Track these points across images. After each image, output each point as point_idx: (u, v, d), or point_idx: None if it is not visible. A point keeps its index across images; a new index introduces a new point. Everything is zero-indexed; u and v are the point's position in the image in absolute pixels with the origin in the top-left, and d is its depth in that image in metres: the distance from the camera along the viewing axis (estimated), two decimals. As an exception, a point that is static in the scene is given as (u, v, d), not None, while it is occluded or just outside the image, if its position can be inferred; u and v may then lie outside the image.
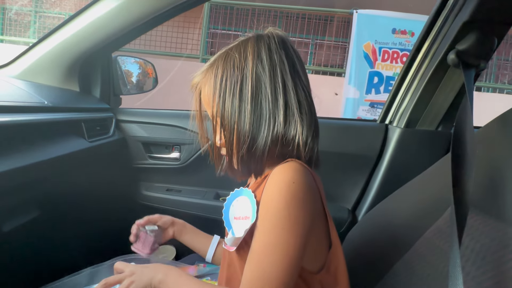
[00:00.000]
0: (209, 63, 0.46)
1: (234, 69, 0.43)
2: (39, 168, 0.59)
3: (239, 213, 0.43)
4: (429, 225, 0.53)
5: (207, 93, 0.45)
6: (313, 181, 0.43)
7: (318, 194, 0.43)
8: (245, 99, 0.42)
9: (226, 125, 0.43)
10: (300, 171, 0.41)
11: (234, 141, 0.43)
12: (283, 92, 0.43)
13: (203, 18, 3.74)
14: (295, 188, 0.40)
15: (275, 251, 0.39)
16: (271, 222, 0.40)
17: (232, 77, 0.43)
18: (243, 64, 0.43)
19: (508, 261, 0.37)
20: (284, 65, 0.43)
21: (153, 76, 1.04)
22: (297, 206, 0.40)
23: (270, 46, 0.44)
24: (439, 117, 0.86)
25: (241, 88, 0.42)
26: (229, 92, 0.42)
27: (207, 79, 0.45)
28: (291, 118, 0.43)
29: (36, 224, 0.63)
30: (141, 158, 0.96)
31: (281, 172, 0.41)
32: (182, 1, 0.77)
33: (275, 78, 0.43)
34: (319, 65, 3.86)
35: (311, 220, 0.41)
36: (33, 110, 0.65)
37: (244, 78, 0.42)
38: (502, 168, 0.46)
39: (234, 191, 0.46)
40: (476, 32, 0.71)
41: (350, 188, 0.91)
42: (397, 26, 2.99)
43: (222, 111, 0.43)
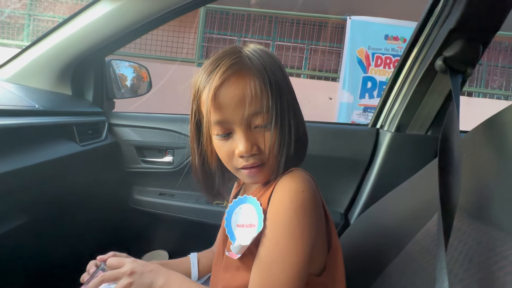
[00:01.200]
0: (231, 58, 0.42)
1: (276, 68, 0.44)
2: (28, 173, 0.58)
3: (242, 221, 0.43)
4: (419, 228, 0.54)
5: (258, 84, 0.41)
6: (316, 188, 0.44)
7: (320, 201, 0.44)
8: (294, 99, 0.45)
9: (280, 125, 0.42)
10: (307, 180, 0.42)
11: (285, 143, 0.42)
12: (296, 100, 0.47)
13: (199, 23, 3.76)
14: (304, 197, 0.41)
15: (285, 259, 0.39)
16: (281, 230, 0.40)
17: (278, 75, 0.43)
18: (280, 68, 0.45)
19: (494, 263, 0.38)
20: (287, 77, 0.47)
21: (148, 80, 1.04)
22: (306, 214, 0.40)
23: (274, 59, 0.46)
24: (429, 122, 0.88)
25: (288, 89, 0.44)
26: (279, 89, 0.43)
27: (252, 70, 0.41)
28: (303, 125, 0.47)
29: (24, 231, 0.62)
30: (134, 162, 0.95)
31: (290, 181, 0.41)
32: (176, 6, 0.78)
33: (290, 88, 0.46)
34: (314, 69, 3.90)
35: (317, 227, 0.42)
36: (23, 113, 0.64)
37: (287, 80, 0.45)
38: (488, 172, 0.47)
39: (237, 199, 0.45)
40: (462, 39, 0.73)
41: (343, 192, 0.91)
42: (390, 32, 3.05)
43: (279, 106, 0.42)
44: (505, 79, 3.97)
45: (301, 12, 3.68)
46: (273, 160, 0.43)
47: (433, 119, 0.88)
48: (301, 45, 3.95)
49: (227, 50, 0.44)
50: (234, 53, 0.43)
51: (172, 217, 0.94)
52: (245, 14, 3.83)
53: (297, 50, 3.93)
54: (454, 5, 0.75)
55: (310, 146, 0.48)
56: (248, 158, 0.43)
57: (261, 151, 0.43)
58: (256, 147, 0.43)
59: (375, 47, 3.08)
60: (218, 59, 0.43)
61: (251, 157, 0.43)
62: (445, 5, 0.78)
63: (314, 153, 0.91)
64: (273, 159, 0.43)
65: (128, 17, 0.78)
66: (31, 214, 0.64)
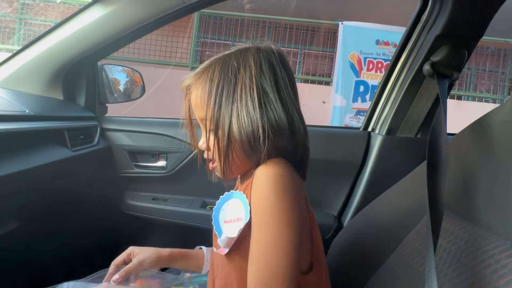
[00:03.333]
0: (203, 67, 0.47)
1: (232, 76, 0.44)
2: (18, 179, 0.57)
3: (230, 216, 0.43)
4: (410, 229, 0.55)
5: (200, 95, 0.46)
6: (297, 177, 0.44)
7: (303, 191, 0.44)
8: (247, 105, 0.43)
9: (219, 130, 0.44)
10: (284, 165, 0.42)
11: (228, 147, 0.44)
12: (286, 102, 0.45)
13: (193, 27, 3.77)
14: (283, 180, 0.41)
15: (277, 245, 0.39)
16: (267, 218, 0.40)
17: (229, 83, 0.44)
18: (243, 73, 0.44)
19: (480, 262, 0.39)
20: (283, 79, 0.46)
21: (141, 84, 1.04)
22: (289, 197, 0.40)
23: (271, 59, 0.46)
24: (418, 125, 0.90)
25: (241, 95, 0.44)
26: (226, 98, 0.44)
27: (201, 82, 0.46)
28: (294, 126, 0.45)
29: (14, 237, 0.61)
30: (126, 167, 0.95)
31: (266, 168, 0.42)
32: (170, 11, 0.78)
33: (277, 89, 0.45)
34: (307, 74, 3.94)
35: (301, 213, 0.42)
36: (13, 118, 0.63)
37: (244, 86, 0.44)
38: (475, 173, 0.48)
39: (224, 195, 0.46)
40: (448, 45, 0.75)
41: (335, 194, 0.92)
42: (381, 37, 3.12)
43: (217, 116, 0.44)
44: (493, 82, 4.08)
45: (294, 18, 3.73)
46: (220, 161, 0.46)
47: (422, 122, 0.90)
48: (295, 49, 3.99)
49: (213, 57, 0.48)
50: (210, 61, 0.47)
51: (166, 222, 0.93)
52: (239, 19, 3.86)
53: (290, 54, 3.97)
54: (439, 12, 0.78)
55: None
56: (205, 152, 0.49)
57: (210, 150, 0.47)
58: (205, 145, 0.48)
59: (367, 52, 3.13)
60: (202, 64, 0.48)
61: (205, 153, 0.48)
62: (431, 12, 0.80)
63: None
64: (219, 160, 0.46)
65: (121, 22, 0.78)
66: (21, 220, 0.63)
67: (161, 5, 0.76)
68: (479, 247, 0.40)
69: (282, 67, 0.46)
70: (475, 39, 0.77)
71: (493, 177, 0.45)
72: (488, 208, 0.43)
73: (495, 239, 0.39)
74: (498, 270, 0.37)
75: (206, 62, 0.48)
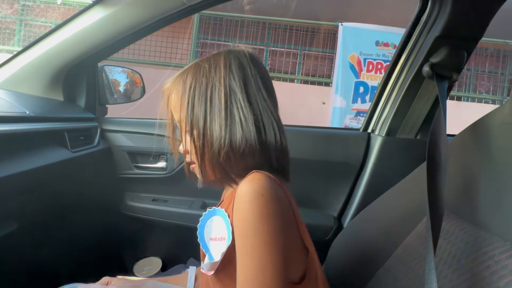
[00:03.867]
0: (179, 72, 0.49)
1: (203, 78, 0.45)
2: (18, 180, 0.57)
3: (215, 234, 0.43)
4: (409, 231, 0.55)
5: (174, 98, 0.47)
6: (280, 189, 0.43)
7: (287, 202, 0.43)
8: (216, 106, 0.44)
9: (194, 130, 0.45)
10: (265, 182, 0.41)
11: (204, 147, 0.44)
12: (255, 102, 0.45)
13: (193, 28, 3.78)
14: (264, 200, 0.40)
15: (264, 270, 0.39)
16: (249, 241, 0.39)
17: (201, 85, 0.45)
18: (213, 74, 0.45)
19: (480, 263, 0.39)
20: (254, 78, 0.46)
21: (141, 85, 1.04)
22: (272, 218, 0.39)
23: (241, 60, 0.46)
24: (418, 126, 0.90)
25: (211, 96, 0.44)
26: (198, 99, 0.45)
27: (176, 85, 0.47)
28: (263, 125, 0.44)
29: (14, 238, 0.61)
30: (126, 168, 0.95)
31: (246, 186, 0.41)
32: (170, 12, 0.78)
33: (246, 88, 0.45)
34: (307, 75, 3.95)
35: (287, 229, 0.41)
36: (13, 120, 0.64)
37: (214, 87, 0.44)
38: (474, 174, 0.48)
39: (207, 211, 0.45)
40: (447, 46, 0.76)
41: (335, 195, 0.92)
42: (380, 38, 3.12)
43: (191, 117, 0.45)
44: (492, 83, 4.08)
45: (294, 19, 3.74)
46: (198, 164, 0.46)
47: (421, 123, 0.90)
48: (294, 50, 4.00)
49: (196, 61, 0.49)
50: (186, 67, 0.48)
51: (166, 223, 0.93)
52: (239, 20, 3.87)
53: (290, 55, 3.97)
54: (439, 14, 0.78)
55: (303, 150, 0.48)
56: (185, 155, 0.49)
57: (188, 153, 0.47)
58: (183, 148, 0.48)
59: (367, 53, 3.14)
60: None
61: (187, 155, 0.49)
62: (430, 13, 0.80)
63: (307, 158, 0.92)
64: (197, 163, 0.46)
65: (121, 23, 0.78)
66: (22, 221, 0.63)
67: (162, 6, 0.76)
68: (479, 248, 0.40)
69: (253, 66, 0.46)
70: (474, 41, 0.77)
71: (492, 178, 0.45)
72: (488, 209, 0.43)
73: (495, 240, 0.39)
74: (498, 271, 0.37)
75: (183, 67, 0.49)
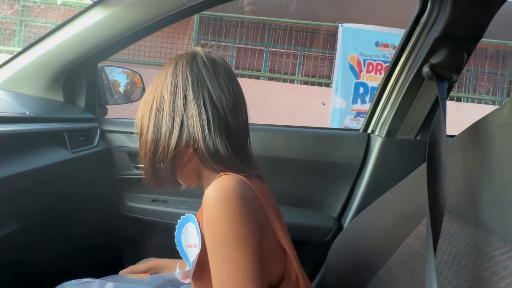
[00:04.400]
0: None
1: (151, 89, 0.49)
2: (18, 180, 0.57)
3: (190, 241, 0.43)
4: (410, 231, 0.55)
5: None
6: (251, 191, 0.41)
7: (258, 203, 0.42)
8: (150, 113, 0.47)
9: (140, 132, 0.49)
10: (231, 183, 0.40)
11: (139, 150, 0.48)
12: (183, 105, 0.45)
13: (193, 29, 3.78)
14: (230, 203, 0.38)
15: (238, 273, 0.38)
16: (221, 247, 0.38)
17: (148, 95, 0.49)
18: (156, 85, 0.48)
19: (481, 264, 0.39)
20: (187, 80, 0.46)
21: (141, 86, 1.04)
22: (240, 221, 0.38)
23: (177, 65, 0.47)
24: (418, 127, 0.90)
25: (151, 106, 0.48)
26: (143, 106, 0.49)
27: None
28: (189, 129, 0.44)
29: (13, 239, 0.60)
30: (126, 169, 0.94)
31: (211, 190, 0.40)
32: (170, 13, 0.78)
33: (175, 93, 0.46)
34: (307, 75, 3.95)
35: (258, 231, 0.40)
36: (13, 120, 0.64)
37: (154, 97, 0.47)
38: (475, 175, 0.48)
39: (181, 219, 0.45)
40: (447, 47, 0.76)
41: (335, 196, 0.92)
42: (380, 39, 3.13)
43: (142, 121, 0.48)
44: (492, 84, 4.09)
45: (294, 20, 3.74)
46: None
47: (421, 124, 0.90)
48: (294, 51, 4.00)
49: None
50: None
51: (165, 224, 0.93)
52: (239, 21, 3.88)
53: (290, 56, 3.98)
54: (439, 15, 0.78)
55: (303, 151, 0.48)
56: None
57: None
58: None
59: (366, 54, 3.14)
60: None
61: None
62: (430, 14, 0.80)
63: (307, 158, 0.92)
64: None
65: (122, 24, 0.78)
66: (21, 222, 0.63)
67: (162, 7, 0.76)
68: (480, 249, 0.40)
69: (188, 67, 0.47)
70: (474, 41, 0.77)
71: (492, 178, 0.45)
72: (488, 209, 0.43)
73: (496, 241, 0.39)
74: (499, 272, 0.36)
75: None
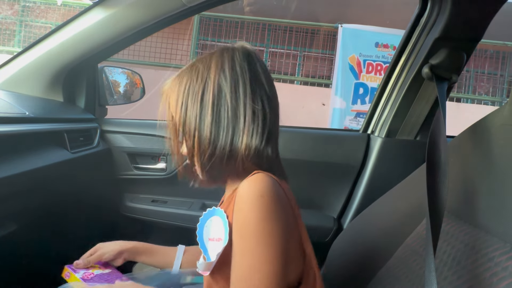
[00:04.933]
0: (177, 73, 0.48)
1: (197, 78, 0.45)
2: (18, 180, 0.57)
3: (213, 235, 0.43)
4: (409, 232, 0.55)
5: (171, 100, 0.47)
6: (282, 191, 0.42)
7: (288, 205, 0.43)
8: (206, 107, 0.44)
9: (187, 132, 0.44)
10: (266, 182, 0.41)
11: (195, 148, 0.44)
12: (243, 102, 0.44)
13: (193, 29, 3.79)
14: (264, 202, 0.39)
15: (259, 271, 0.38)
16: (248, 242, 0.39)
17: (194, 85, 0.45)
18: (206, 74, 0.45)
19: (481, 265, 0.39)
20: (246, 75, 0.44)
21: (141, 86, 1.04)
22: (270, 219, 0.39)
23: (234, 57, 0.45)
24: (417, 127, 0.90)
25: (202, 97, 0.44)
26: (191, 100, 0.44)
27: (173, 87, 0.47)
28: (247, 127, 0.44)
29: (13, 239, 0.60)
30: (126, 169, 0.95)
31: (247, 187, 0.40)
32: (169, 14, 0.78)
33: (236, 88, 0.44)
34: (307, 76, 3.95)
35: (287, 231, 0.41)
36: (13, 120, 0.64)
37: (206, 87, 0.44)
38: (474, 176, 0.48)
39: (207, 211, 0.45)
40: (447, 48, 0.76)
41: (335, 197, 0.92)
42: (380, 40, 3.13)
43: (184, 118, 0.44)
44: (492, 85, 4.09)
45: (293, 20, 3.74)
46: (193, 164, 0.45)
47: (421, 125, 0.90)
48: (294, 52, 4.00)
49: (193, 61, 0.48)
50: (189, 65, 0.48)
51: (165, 224, 0.93)
52: (238, 21, 3.88)
53: (290, 56, 3.98)
54: (438, 15, 0.78)
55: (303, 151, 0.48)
56: (180, 155, 0.49)
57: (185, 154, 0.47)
58: (185, 151, 0.47)
59: (366, 54, 3.14)
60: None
61: (182, 156, 0.48)
62: (430, 15, 0.81)
63: (307, 159, 0.92)
64: (191, 163, 0.46)
65: (121, 24, 0.78)
66: (20, 222, 0.63)
67: (162, 7, 0.76)
68: (479, 250, 0.40)
69: (247, 65, 0.45)
70: (473, 42, 0.78)
71: (492, 179, 0.45)
72: (488, 210, 0.43)
73: (495, 242, 0.39)
74: (498, 273, 0.37)
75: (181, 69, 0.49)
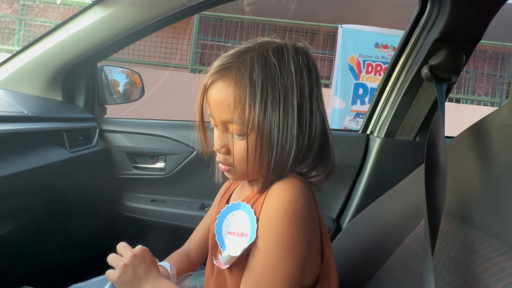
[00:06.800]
0: (231, 61, 0.41)
1: (275, 79, 0.40)
2: (16, 179, 0.57)
3: (234, 229, 0.42)
4: (408, 232, 0.55)
5: (233, 95, 0.40)
6: (312, 196, 0.43)
7: (316, 211, 0.43)
8: (289, 112, 0.40)
9: (256, 134, 0.40)
10: (301, 188, 0.41)
11: (262, 152, 0.41)
12: (318, 109, 0.43)
13: (193, 29, 3.79)
14: (297, 207, 0.39)
15: (276, 272, 0.39)
16: (273, 242, 0.39)
17: (275, 87, 0.40)
18: (285, 76, 0.40)
19: (479, 265, 0.39)
20: (318, 84, 0.43)
21: (140, 85, 1.04)
22: (299, 225, 0.39)
23: (309, 62, 0.43)
24: (416, 128, 0.90)
25: (285, 101, 0.40)
26: (271, 102, 0.40)
27: (237, 79, 0.40)
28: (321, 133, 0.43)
29: (10, 238, 0.60)
30: (125, 169, 0.94)
31: (282, 189, 0.40)
32: (169, 13, 0.78)
33: (311, 95, 0.42)
34: (307, 76, 3.94)
35: (310, 238, 0.41)
36: (11, 119, 0.63)
37: (287, 91, 0.40)
38: (473, 176, 0.48)
39: (230, 204, 0.44)
40: (446, 48, 0.76)
41: (334, 197, 0.92)
42: (380, 40, 3.13)
43: (260, 120, 0.39)
44: (491, 86, 4.10)
45: (293, 20, 3.75)
46: (241, 168, 0.43)
47: (420, 125, 0.90)
48: (294, 52, 4.00)
49: (239, 48, 0.43)
50: (238, 54, 0.42)
51: (164, 224, 0.93)
52: (238, 21, 3.88)
53: (290, 57, 3.98)
54: (438, 16, 0.78)
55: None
56: (219, 155, 0.44)
57: (230, 154, 0.43)
58: (225, 149, 0.43)
59: (366, 55, 3.15)
60: (223, 57, 0.43)
61: (222, 156, 0.44)
62: (429, 16, 0.81)
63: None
64: (241, 167, 0.43)
65: (121, 23, 0.78)
66: (18, 221, 0.62)
67: (161, 7, 0.76)
68: (477, 250, 0.40)
69: (314, 68, 0.43)
70: (473, 43, 0.78)
71: (490, 180, 0.45)
72: (486, 211, 0.43)
73: (493, 242, 0.39)
74: (496, 273, 0.37)
75: (231, 54, 0.42)
